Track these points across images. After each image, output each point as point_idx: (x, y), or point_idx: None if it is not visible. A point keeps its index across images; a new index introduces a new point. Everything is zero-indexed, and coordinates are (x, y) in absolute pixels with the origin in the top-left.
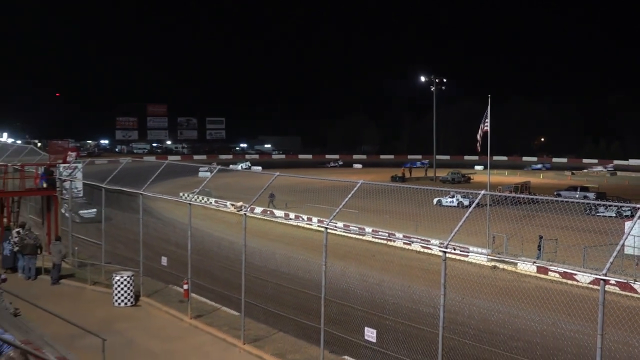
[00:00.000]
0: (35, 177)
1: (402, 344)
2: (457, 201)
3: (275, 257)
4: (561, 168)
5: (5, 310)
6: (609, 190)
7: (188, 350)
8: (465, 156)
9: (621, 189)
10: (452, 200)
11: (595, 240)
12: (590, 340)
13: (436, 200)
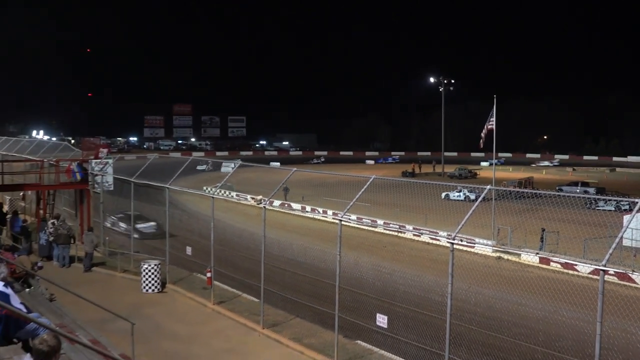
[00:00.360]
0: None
1: (411, 330)
2: (463, 195)
3: (293, 247)
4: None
5: (41, 295)
6: (609, 185)
7: (211, 334)
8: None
9: (620, 184)
10: (459, 195)
11: (595, 232)
12: (590, 328)
13: (444, 194)
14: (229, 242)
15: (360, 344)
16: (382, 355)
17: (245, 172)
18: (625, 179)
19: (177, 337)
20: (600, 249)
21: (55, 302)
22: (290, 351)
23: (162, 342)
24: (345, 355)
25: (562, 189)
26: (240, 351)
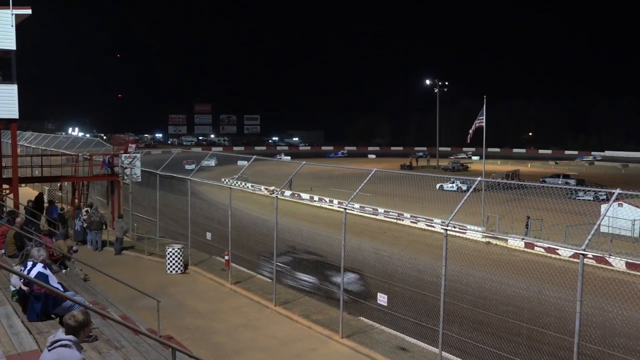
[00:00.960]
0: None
1: (409, 308)
2: (456, 186)
3: (302, 233)
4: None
5: (76, 276)
6: (588, 177)
7: (229, 311)
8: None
9: (598, 176)
10: (452, 186)
11: (575, 220)
12: (571, 306)
13: (438, 185)
14: (244, 228)
15: (363, 320)
16: (382, 330)
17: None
18: (602, 172)
19: (198, 313)
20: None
21: (89, 282)
22: (299, 326)
23: (185, 317)
24: (349, 330)
25: (546, 181)
26: (255, 326)
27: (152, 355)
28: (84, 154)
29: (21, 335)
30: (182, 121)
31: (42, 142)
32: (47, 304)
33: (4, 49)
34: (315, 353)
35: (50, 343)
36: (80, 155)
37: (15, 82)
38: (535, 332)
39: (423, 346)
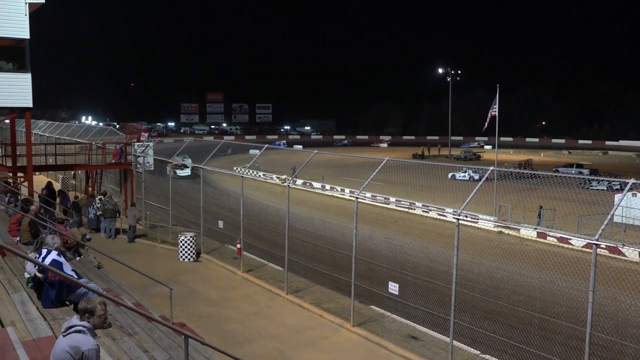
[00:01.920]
0: (115, 153)
1: (420, 297)
2: (468, 176)
3: (314, 221)
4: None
5: (90, 263)
6: (601, 167)
7: (241, 299)
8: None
9: (612, 166)
10: (464, 175)
11: (589, 210)
12: (583, 296)
13: (450, 174)
14: (256, 216)
15: (374, 308)
16: (393, 319)
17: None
18: (616, 162)
19: (211, 301)
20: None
21: (102, 269)
22: (310, 314)
23: (198, 305)
24: (360, 319)
25: (559, 170)
26: (267, 314)
27: (165, 342)
28: (97, 143)
29: (36, 322)
30: (194, 110)
31: (55, 131)
32: (61, 291)
33: (18, 37)
34: (326, 341)
35: (65, 329)
36: (93, 144)
37: (29, 71)
38: (547, 321)
39: (434, 335)
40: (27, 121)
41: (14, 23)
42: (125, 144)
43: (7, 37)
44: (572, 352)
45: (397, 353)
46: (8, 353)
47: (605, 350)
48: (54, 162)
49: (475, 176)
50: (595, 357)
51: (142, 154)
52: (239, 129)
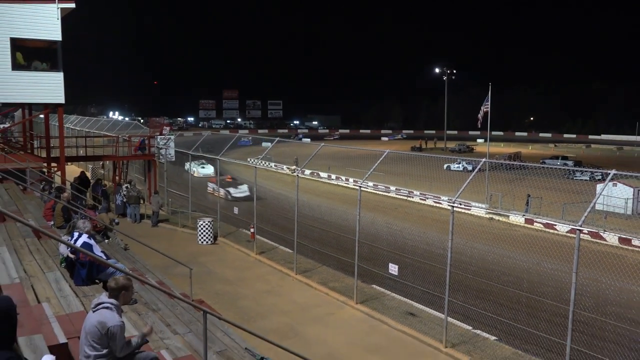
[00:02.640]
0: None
1: (418, 277)
2: (462, 167)
3: (321, 208)
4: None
5: (117, 245)
6: (585, 159)
7: (254, 278)
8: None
9: (594, 158)
10: (459, 166)
11: (572, 198)
12: (567, 277)
13: (446, 165)
14: (268, 203)
15: (375, 287)
16: (393, 297)
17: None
18: (598, 154)
19: (227, 280)
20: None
21: (128, 251)
22: (317, 293)
23: (215, 284)
24: (363, 297)
25: (545, 162)
26: (278, 292)
27: (186, 317)
28: (124, 136)
29: (69, 298)
30: (211, 106)
31: (85, 125)
32: (91, 270)
33: (51, 39)
34: (332, 317)
35: (94, 305)
36: (120, 137)
37: (61, 70)
38: (533, 300)
39: (430, 312)
40: (60, 116)
41: (47, 27)
42: (148, 137)
43: (41, 39)
44: (557, 328)
45: (397, 328)
46: (44, 326)
47: (586, 326)
48: (84, 154)
49: (468, 167)
50: (577, 332)
51: (164, 146)
52: (252, 124)
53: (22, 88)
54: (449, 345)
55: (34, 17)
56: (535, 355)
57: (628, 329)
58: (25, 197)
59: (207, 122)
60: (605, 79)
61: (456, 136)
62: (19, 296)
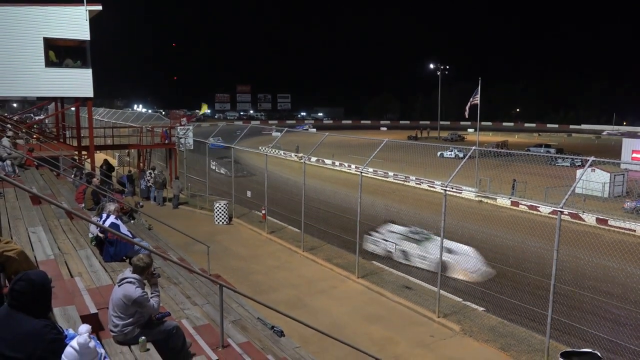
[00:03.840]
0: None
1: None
2: (454, 154)
3: (325, 192)
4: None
5: (142, 225)
6: (566, 147)
7: (266, 255)
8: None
9: (575, 146)
10: (451, 153)
11: (554, 183)
12: (548, 254)
13: (439, 153)
14: (278, 187)
15: (375, 263)
16: (391, 272)
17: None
18: (578, 142)
19: (241, 256)
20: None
21: (152, 231)
22: (323, 268)
23: (230, 260)
24: (363, 272)
25: (530, 150)
26: (287, 267)
27: (204, 290)
28: (147, 127)
29: (99, 273)
30: (226, 99)
31: (112, 117)
32: (119, 248)
33: (80, 39)
34: (336, 290)
35: (119, 280)
36: (144, 127)
37: (90, 67)
38: (518, 275)
39: (424, 285)
40: (89, 108)
41: (77, 27)
42: (169, 128)
43: (71, 39)
44: (539, 300)
45: (394, 300)
46: (77, 298)
47: (566, 298)
48: (111, 143)
49: (460, 154)
50: (558, 304)
51: (183, 135)
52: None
53: (54, 83)
54: (441, 315)
55: (64, 18)
56: (519, 325)
57: (603, 301)
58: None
59: (222, 114)
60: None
61: (449, 126)
62: (54, 271)
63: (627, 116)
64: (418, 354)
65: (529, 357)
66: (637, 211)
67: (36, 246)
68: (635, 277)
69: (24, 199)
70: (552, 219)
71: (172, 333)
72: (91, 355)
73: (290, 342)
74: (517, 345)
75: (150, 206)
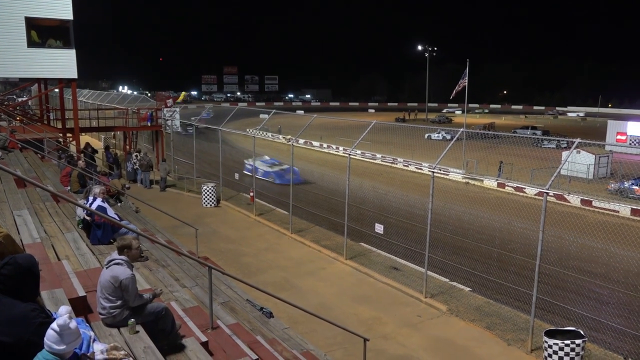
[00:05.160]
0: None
1: (401, 235)
2: (442, 136)
3: (313, 174)
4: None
5: (129, 208)
6: (552, 129)
7: (254, 237)
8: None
9: (560, 128)
10: (438, 136)
11: (540, 164)
12: (534, 235)
13: (427, 135)
14: None
15: (363, 245)
16: (379, 254)
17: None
18: (564, 124)
19: (229, 239)
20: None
21: (139, 213)
22: (311, 250)
23: (218, 242)
24: (351, 253)
25: (517, 131)
26: (276, 249)
27: (192, 272)
28: (133, 108)
29: (86, 256)
30: (213, 81)
31: (97, 98)
32: (106, 231)
33: (63, 18)
34: (324, 271)
35: (107, 262)
36: (129, 109)
37: (74, 47)
38: (504, 255)
39: (412, 266)
40: (73, 90)
41: (59, 6)
42: (155, 109)
43: (54, 19)
44: (524, 280)
45: (382, 281)
46: (64, 281)
47: (551, 278)
48: (96, 125)
49: (447, 136)
50: (542, 284)
51: (170, 117)
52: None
53: (37, 64)
54: (428, 295)
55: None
56: (504, 304)
57: (587, 280)
58: (44, 165)
59: (209, 96)
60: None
61: (436, 108)
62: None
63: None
64: (405, 333)
65: (514, 336)
66: (620, 192)
67: (22, 229)
68: (618, 257)
69: (9, 182)
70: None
71: (162, 315)
72: (73, 336)
73: (279, 323)
74: (503, 324)
75: (137, 189)
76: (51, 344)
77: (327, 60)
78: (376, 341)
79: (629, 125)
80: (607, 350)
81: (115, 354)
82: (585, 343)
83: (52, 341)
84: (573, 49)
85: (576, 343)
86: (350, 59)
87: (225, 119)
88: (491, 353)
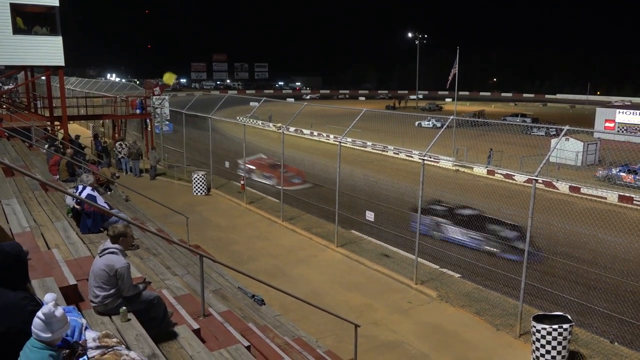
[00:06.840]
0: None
1: (391, 222)
2: (432, 124)
3: (304, 162)
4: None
5: (119, 197)
6: (541, 116)
7: (245, 225)
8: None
9: (550, 115)
10: (429, 123)
11: (530, 152)
12: (523, 220)
13: (417, 123)
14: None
15: (354, 232)
16: (370, 241)
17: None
18: (554, 112)
19: (220, 227)
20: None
21: (129, 202)
22: (302, 237)
23: (209, 231)
24: (342, 241)
25: (506, 119)
26: (267, 237)
27: (183, 261)
28: (121, 96)
29: (77, 245)
30: (202, 68)
31: (85, 86)
32: (96, 220)
33: (49, 4)
34: (315, 259)
35: (101, 250)
36: (118, 97)
37: (60, 34)
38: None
39: (402, 253)
40: (61, 77)
41: None
42: (144, 97)
43: (40, 5)
44: (513, 266)
45: (373, 268)
46: (55, 269)
47: (539, 264)
48: (85, 113)
49: (437, 124)
50: (531, 270)
51: (159, 105)
52: (240, 85)
53: (23, 51)
54: (418, 282)
55: None
56: (493, 290)
57: (575, 266)
58: (32, 154)
59: (198, 84)
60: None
61: (427, 96)
62: (30, 243)
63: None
64: (396, 319)
65: (503, 321)
66: (608, 179)
67: (11, 218)
68: (605, 243)
69: None
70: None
71: (154, 303)
72: (60, 324)
73: (271, 311)
74: (492, 310)
75: (127, 177)
76: (38, 331)
77: (318, 46)
78: (367, 327)
79: (617, 113)
80: (594, 334)
81: (107, 342)
82: (573, 327)
83: (39, 329)
84: (563, 38)
85: (564, 328)
86: (341, 47)
87: (215, 107)
88: (480, 338)
